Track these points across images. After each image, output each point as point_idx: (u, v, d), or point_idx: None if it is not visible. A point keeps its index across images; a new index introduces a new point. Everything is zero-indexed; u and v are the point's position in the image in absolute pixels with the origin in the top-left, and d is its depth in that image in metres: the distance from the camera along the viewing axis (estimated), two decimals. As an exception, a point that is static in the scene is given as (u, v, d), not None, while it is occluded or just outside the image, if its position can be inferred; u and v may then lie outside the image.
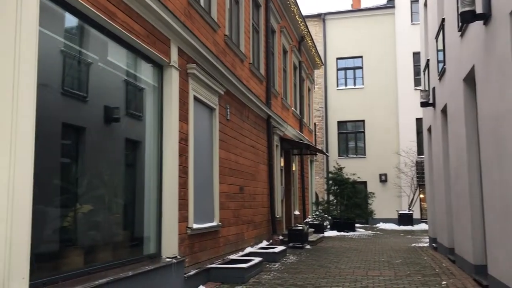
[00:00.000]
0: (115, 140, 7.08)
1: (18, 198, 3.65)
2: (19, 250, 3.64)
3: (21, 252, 3.68)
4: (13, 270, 3.56)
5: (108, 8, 5.05)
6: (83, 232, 5.58)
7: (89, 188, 6.07)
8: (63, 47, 5.57)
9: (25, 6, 3.77)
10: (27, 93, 3.81)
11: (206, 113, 8.33)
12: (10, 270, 3.52)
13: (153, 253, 6.23)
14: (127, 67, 6.65)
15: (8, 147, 3.63)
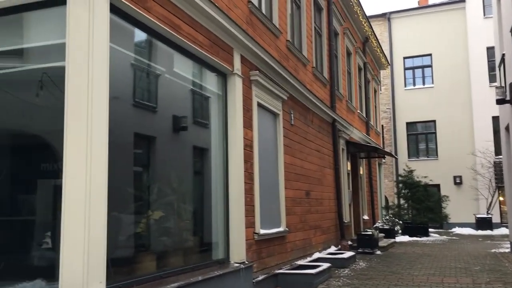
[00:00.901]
0: (183, 148, 7.31)
1: (94, 205, 3.86)
2: (96, 255, 3.84)
3: (98, 257, 3.88)
4: (91, 274, 3.76)
5: (173, 21, 5.23)
6: (155, 238, 5.79)
7: (160, 195, 6.30)
8: (132, 61, 5.85)
9: (96, 23, 4.00)
10: (100, 106, 4.02)
11: (270, 119, 8.37)
12: (88, 274, 3.72)
13: (222, 258, 6.34)
14: (192, 77, 6.85)
15: (84, 157, 3.85)
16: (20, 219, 7.24)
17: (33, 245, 6.43)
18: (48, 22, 4.60)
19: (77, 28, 3.98)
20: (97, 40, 4.00)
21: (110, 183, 4.09)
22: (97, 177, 3.94)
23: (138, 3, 4.58)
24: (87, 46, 3.94)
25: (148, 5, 4.77)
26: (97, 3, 4.00)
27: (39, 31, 4.86)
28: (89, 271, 3.74)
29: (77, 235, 3.77)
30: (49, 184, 6.94)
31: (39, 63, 5.55)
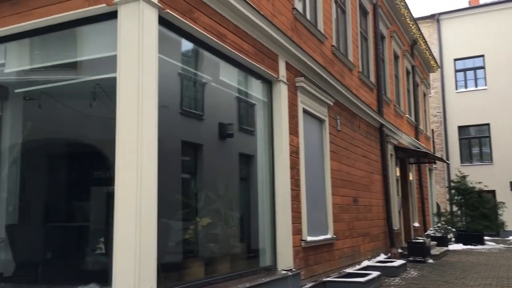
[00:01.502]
0: (229, 155, 7.39)
1: (145, 212, 3.96)
2: (147, 261, 3.93)
3: (149, 262, 3.97)
4: (142, 279, 3.85)
5: (219, 31, 5.31)
6: (203, 244, 5.87)
7: (207, 202, 6.39)
8: (179, 70, 5.99)
9: (146, 36, 4.12)
10: (150, 116, 4.13)
11: (316, 125, 8.31)
12: (139, 279, 3.82)
13: (269, 265, 6.33)
14: (238, 84, 6.93)
15: (135, 165, 3.96)
16: (75, 225, 7.55)
17: (88, 250, 6.68)
18: (100, 35, 4.79)
19: (127, 41, 4.11)
20: (147, 52, 4.12)
21: (159, 190, 4.18)
22: (147, 184, 4.04)
23: (185, 14, 4.69)
24: (137, 58, 4.07)
25: (195, 16, 4.87)
26: (146, 16, 4.13)
27: (92, 44, 5.07)
28: (140, 276, 3.83)
29: (129, 241, 3.87)
30: (101, 191, 7.20)
31: (92, 75, 5.78)
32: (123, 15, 4.15)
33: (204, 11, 5.04)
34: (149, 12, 4.17)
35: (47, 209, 7.81)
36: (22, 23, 4.62)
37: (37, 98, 6.60)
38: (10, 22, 4.67)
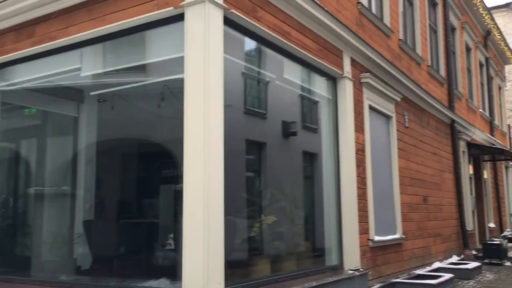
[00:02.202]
0: (293, 153, 7.37)
1: (212, 209, 4.03)
2: (215, 257, 4.00)
3: (217, 259, 4.03)
4: (211, 275, 3.92)
5: (283, 28, 5.29)
6: (268, 242, 5.89)
7: (272, 200, 6.41)
8: (243, 69, 6.05)
9: (212, 36, 4.19)
10: (216, 115, 4.20)
11: (382, 122, 8.09)
12: (208, 275, 3.89)
13: (335, 264, 6.23)
14: (301, 82, 6.88)
15: (202, 164, 4.04)
16: (145, 222, 7.86)
17: (158, 246, 6.92)
18: (168, 38, 4.92)
19: (194, 42, 4.20)
20: (213, 52, 4.19)
21: (225, 188, 4.23)
22: (214, 182, 4.10)
23: (249, 13, 4.72)
24: (203, 58, 4.14)
25: (259, 15, 4.89)
26: (212, 17, 4.19)
27: (159, 47, 5.23)
28: (208, 273, 3.90)
29: (197, 238, 3.95)
30: (170, 189, 7.45)
31: (160, 76, 5.97)
32: (189, 17, 4.25)
33: (268, 9, 5.05)
34: (215, 12, 4.24)
35: (119, 206, 8.20)
36: (96, 28, 4.85)
37: (110, 100, 6.94)
38: (85, 28, 4.93)
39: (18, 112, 6.85)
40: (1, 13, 5.44)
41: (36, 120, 7.16)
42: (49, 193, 6.83)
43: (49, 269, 6.15)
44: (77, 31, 5.00)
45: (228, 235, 4.30)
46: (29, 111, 7.04)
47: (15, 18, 5.44)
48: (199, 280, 3.89)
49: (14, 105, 6.49)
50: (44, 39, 5.25)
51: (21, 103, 6.69)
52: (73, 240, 6.65)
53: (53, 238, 6.53)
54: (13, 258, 6.48)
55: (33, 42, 5.34)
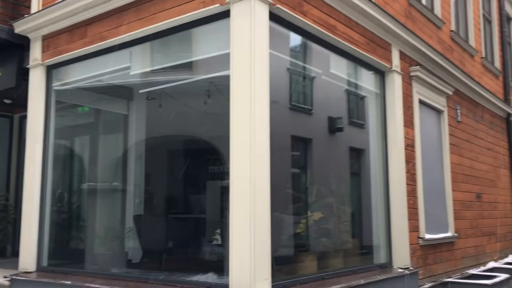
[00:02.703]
0: (339, 149, 7.26)
1: (258, 205, 4.03)
2: (261, 253, 4.00)
3: (263, 255, 4.03)
4: (258, 271, 3.92)
5: (329, 22, 5.21)
6: (315, 239, 5.84)
7: (318, 197, 6.34)
8: (288, 65, 6.01)
9: (257, 32, 4.18)
10: (262, 111, 4.19)
11: (433, 116, 7.83)
12: (255, 272, 3.90)
13: (384, 262, 6.10)
14: (348, 76, 6.76)
15: (248, 160, 4.05)
16: (192, 217, 7.99)
17: (205, 241, 7.03)
18: (213, 35, 4.96)
19: (239, 38, 4.21)
20: (258, 48, 4.18)
21: (270, 184, 4.22)
22: (260, 178, 4.10)
23: (295, 8, 4.67)
24: (249, 54, 4.14)
25: (305, 9, 4.83)
26: (258, 13, 4.18)
27: (205, 44, 5.28)
28: (255, 269, 3.91)
29: (244, 234, 3.97)
30: (216, 185, 7.53)
31: (206, 73, 6.04)
32: (235, 13, 4.26)
33: (313, 3, 4.98)
34: (260, 8, 4.23)
35: (167, 202, 8.38)
36: (144, 27, 4.96)
37: (158, 97, 7.09)
38: (134, 28, 5.04)
39: (72, 110, 7.13)
40: (56, 14, 5.65)
41: (88, 118, 7.43)
42: (101, 189, 7.07)
43: (102, 262, 6.37)
44: (126, 31, 5.13)
45: (274, 231, 4.29)
46: (82, 109, 7.32)
47: (69, 20, 5.64)
48: (246, 276, 3.91)
49: (68, 103, 6.75)
50: (95, 39, 5.43)
51: (75, 101, 6.95)
52: (124, 234, 6.85)
53: (105, 232, 6.76)
54: (68, 251, 6.77)
55: (85, 43, 5.53)
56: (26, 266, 5.69)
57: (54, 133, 6.05)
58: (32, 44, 6.07)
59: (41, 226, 5.81)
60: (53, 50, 5.85)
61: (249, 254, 3.93)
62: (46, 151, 5.92)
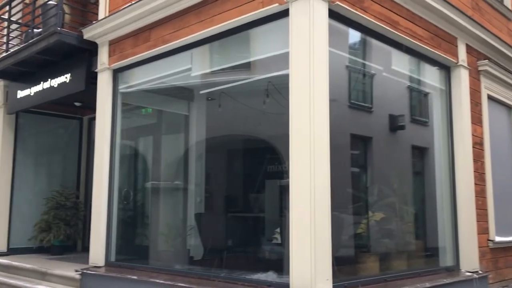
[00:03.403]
0: (401, 147, 7.04)
1: (318, 204, 3.99)
2: (322, 253, 3.96)
3: (324, 255, 3.99)
4: (318, 271, 3.89)
5: (390, 18, 5.07)
6: (377, 239, 5.71)
7: (380, 196, 6.19)
8: (348, 62, 5.91)
9: (316, 30, 4.14)
10: (322, 110, 4.15)
11: (504, 113, 7.42)
12: (316, 271, 3.87)
13: (451, 265, 5.85)
14: (410, 73, 6.55)
15: (308, 159, 4.02)
16: (251, 216, 8.06)
17: (264, 239, 7.07)
18: (271, 35, 4.97)
19: (299, 37, 4.19)
20: (318, 46, 4.14)
21: (330, 183, 4.16)
22: (320, 178, 4.06)
23: (355, 4, 4.59)
24: (309, 53, 4.11)
25: (365, 5, 4.73)
26: (317, 11, 4.15)
27: (263, 44, 5.31)
28: (316, 269, 3.88)
29: (304, 233, 3.95)
30: (275, 184, 7.55)
31: (264, 73, 6.07)
32: (294, 12, 4.24)
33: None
34: (319, 6, 4.18)
35: (227, 200, 8.52)
36: (205, 30, 5.06)
37: (217, 98, 7.21)
38: (195, 30, 5.16)
39: (136, 112, 7.41)
40: (122, 20, 5.89)
41: (151, 119, 7.70)
42: (164, 187, 7.30)
43: (165, 258, 6.58)
44: (187, 34, 5.25)
45: (334, 231, 4.24)
46: (145, 111, 7.60)
47: (133, 24, 5.86)
48: (306, 276, 3.89)
49: (132, 105, 7.02)
50: (158, 43, 5.60)
51: (139, 103, 7.22)
52: (186, 231, 7.04)
53: (168, 230, 6.97)
54: (132, 247, 7.04)
55: (149, 46, 5.72)
56: (95, 261, 5.98)
57: (120, 134, 6.31)
58: (99, 49, 6.36)
59: (109, 223, 6.07)
60: (119, 54, 6.10)
61: (310, 254, 3.90)
62: (113, 151, 6.18)
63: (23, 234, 8.13)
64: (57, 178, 8.84)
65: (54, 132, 9.05)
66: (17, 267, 6.91)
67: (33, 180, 8.60)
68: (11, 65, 7.26)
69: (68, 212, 8.14)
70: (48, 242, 7.91)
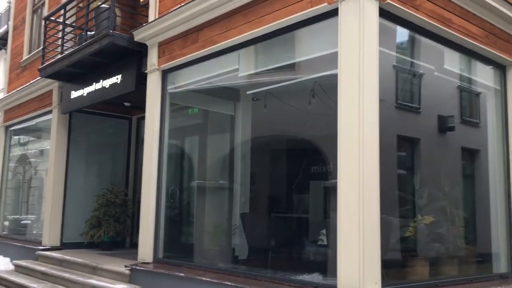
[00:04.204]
0: (450, 149, 6.82)
1: (367, 207, 3.94)
2: (371, 256, 3.91)
3: (373, 258, 3.93)
4: (367, 275, 3.83)
5: (443, 16, 4.93)
6: (426, 244, 5.55)
7: (429, 199, 6.02)
8: (395, 62, 5.79)
9: (367, 29, 4.08)
10: (371, 110, 4.09)
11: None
12: (364, 275, 3.81)
13: (505, 272, 5.63)
14: (461, 72, 6.36)
15: (357, 160, 3.97)
16: (296, 216, 8.04)
17: (309, 241, 7.02)
18: (318, 35, 4.94)
19: (348, 36, 4.14)
20: (368, 46, 4.08)
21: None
22: (370, 179, 4.00)
23: (406, 2, 4.49)
24: (358, 53, 4.06)
25: (417, 3, 4.62)
26: (367, 10, 4.09)
27: (310, 44, 5.28)
28: (364, 272, 3.82)
29: (352, 236, 3.90)
30: (319, 185, 7.50)
31: (309, 73, 6.03)
32: (344, 11, 4.19)
33: (426, -4, 4.75)
34: (370, 5, 4.12)
35: (272, 200, 8.52)
36: (253, 30, 5.08)
37: (263, 98, 7.24)
38: (243, 31, 5.19)
39: (183, 112, 7.54)
40: (171, 22, 6.01)
41: (197, 119, 7.82)
42: (209, 187, 7.40)
43: (210, 257, 6.66)
44: (236, 34, 5.29)
45: (382, 234, 4.16)
46: (192, 111, 7.72)
47: (182, 26, 5.97)
48: (355, 279, 3.84)
49: (179, 105, 7.15)
50: (206, 44, 5.68)
51: (186, 103, 7.34)
52: (231, 231, 7.10)
53: (213, 228, 7.06)
54: (179, 244, 7.17)
55: (197, 47, 5.80)
56: (144, 257, 6.12)
57: (168, 133, 6.43)
58: (149, 50, 6.51)
59: (157, 221, 6.21)
60: (168, 55, 6.23)
61: (358, 257, 3.85)
62: (162, 150, 6.32)
63: (75, 229, 8.45)
64: (106, 176, 9.14)
65: (104, 131, 9.36)
66: (69, 261, 7.19)
67: (84, 178, 8.92)
68: (65, 66, 7.55)
69: (118, 209, 8.38)
70: (99, 238, 8.18)
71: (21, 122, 10.46)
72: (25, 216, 11.29)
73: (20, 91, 10.00)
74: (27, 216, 11.21)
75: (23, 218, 11.30)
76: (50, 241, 8.28)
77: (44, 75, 8.20)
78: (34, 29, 10.51)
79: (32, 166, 11.24)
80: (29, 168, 11.36)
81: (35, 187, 11.04)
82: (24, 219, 11.21)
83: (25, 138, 11.58)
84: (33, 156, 11.24)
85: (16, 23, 11.31)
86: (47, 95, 9.04)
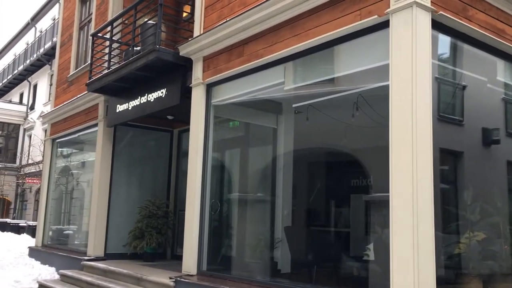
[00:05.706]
0: (495, 163, 6.61)
1: (421, 223, 3.84)
2: (425, 274, 3.81)
3: (428, 276, 3.83)
4: (423, 291, 3.73)
5: (496, 26, 4.82)
6: (479, 261, 5.36)
7: (482, 215, 5.84)
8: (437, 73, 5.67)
9: (419, 41, 4.02)
10: (424, 123, 4.01)
11: None
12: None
13: None
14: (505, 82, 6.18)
15: (410, 174, 3.89)
16: (338, 231, 7.93)
17: (352, 256, 6.90)
18: (367, 47, 4.89)
19: (400, 49, 4.08)
20: (420, 58, 4.02)
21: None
22: (423, 195, 3.92)
23: (459, 13, 4.41)
24: (411, 65, 3.99)
25: (470, 14, 4.53)
26: (419, 22, 4.03)
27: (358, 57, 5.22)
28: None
29: (406, 252, 3.82)
30: (360, 199, 7.38)
31: (351, 86, 5.98)
32: (395, 23, 4.15)
33: (479, 7, 4.65)
34: (422, 16, 4.07)
35: (313, 214, 8.44)
36: (299, 44, 5.08)
37: (305, 111, 7.21)
38: (289, 44, 5.20)
39: (225, 124, 7.59)
40: (216, 36, 6.09)
41: (239, 132, 7.85)
42: (250, 199, 7.39)
43: (253, 270, 6.63)
44: (281, 48, 5.31)
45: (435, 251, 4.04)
46: (233, 124, 7.76)
47: (227, 40, 6.04)
48: (410, 296, 3.74)
49: (222, 118, 7.21)
50: (251, 58, 5.72)
51: (229, 116, 7.40)
52: (273, 244, 7.05)
53: (256, 241, 7.03)
54: (221, 257, 7.17)
55: (242, 61, 5.85)
56: (188, 269, 6.15)
57: (212, 146, 6.48)
58: (194, 64, 6.61)
59: (201, 233, 6.24)
60: (213, 69, 6.31)
61: (412, 273, 3.76)
62: (206, 162, 6.37)
63: (118, 240, 8.59)
64: (148, 188, 9.27)
65: (146, 144, 9.53)
66: (114, 272, 7.30)
67: (127, 190, 9.09)
68: (112, 81, 7.76)
69: (160, 220, 8.48)
70: (142, 249, 8.28)
71: (67, 135, 10.78)
72: (67, 227, 11.58)
73: (67, 105, 10.32)
74: (69, 227, 11.49)
75: (65, 228, 11.59)
76: (95, 251, 8.44)
77: (91, 89, 8.44)
78: (80, 45, 10.87)
79: (74, 178, 11.54)
80: (71, 179, 11.66)
81: (76, 198, 11.32)
82: (66, 229, 11.50)
83: (67, 150, 11.92)
84: (75, 167, 11.55)
85: (63, 39, 11.72)
86: (93, 109, 9.29)
